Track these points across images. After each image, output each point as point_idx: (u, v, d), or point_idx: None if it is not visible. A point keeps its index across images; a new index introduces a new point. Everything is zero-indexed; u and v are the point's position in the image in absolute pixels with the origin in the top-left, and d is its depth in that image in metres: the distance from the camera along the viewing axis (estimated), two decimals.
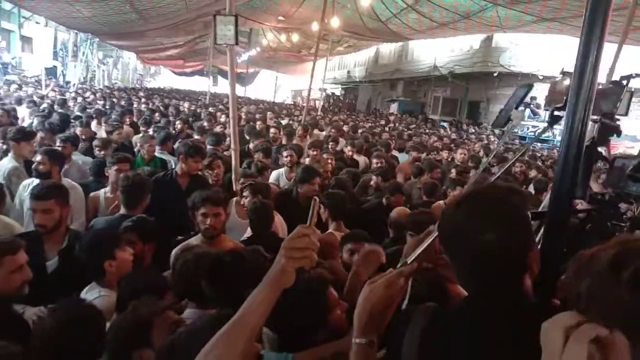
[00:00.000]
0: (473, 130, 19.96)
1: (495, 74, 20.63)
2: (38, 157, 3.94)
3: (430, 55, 24.03)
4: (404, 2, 13.38)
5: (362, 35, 19.24)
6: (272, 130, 8.74)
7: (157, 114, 10.63)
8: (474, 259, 1.10)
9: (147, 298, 1.79)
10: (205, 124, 9.06)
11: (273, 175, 5.53)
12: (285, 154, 5.80)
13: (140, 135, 6.19)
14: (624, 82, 1.52)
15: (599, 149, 1.49)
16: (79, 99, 13.44)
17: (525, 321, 1.03)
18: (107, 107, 11.85)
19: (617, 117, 1.50)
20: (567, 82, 1.58)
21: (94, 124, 8.37)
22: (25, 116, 8.66)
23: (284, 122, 12.26)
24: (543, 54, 17.13)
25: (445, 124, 23.04)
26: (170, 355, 1.43)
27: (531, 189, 6.10)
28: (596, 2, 1.17)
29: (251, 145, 6.99)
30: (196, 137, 7.16)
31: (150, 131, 7.32)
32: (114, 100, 14.22)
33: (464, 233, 1.11)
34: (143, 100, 15.58)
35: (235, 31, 4.48)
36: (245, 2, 14.31)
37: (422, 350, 1.12)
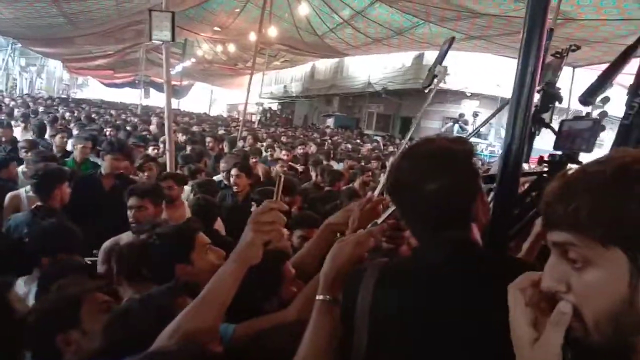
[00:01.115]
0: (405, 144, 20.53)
1: (427, 91, 21.37)
2: None
3: (365, 72, 24.59)
4: (340, 17, 13.67)
5: (299, 50, 19.42)
6: (207, 139, 8.64)
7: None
8: (419, 210, 1.10)
9: (74, 277, 1.64)
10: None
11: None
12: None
13: (75, 135, 5.92)
14: (564, 54, 1.61)
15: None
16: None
17: (474, 269, 1.05)
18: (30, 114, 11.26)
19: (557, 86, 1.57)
20: None
21: (18, 129, 8.01)
22: None
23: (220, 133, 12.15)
24: (471, 71, 17.99)
25: (378, 139, 23.61)
26: (123, 322, 1.33)
27: None
28: (533, 20, 1.24)
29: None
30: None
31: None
32: (39, 108, 13.51)
33: (408, 185, 1.10)
34: (66, 108, 14.90)
35: (172, 28, 4.37)
36: (180, 11, 14.06)
37: (375, 302, 1.10)
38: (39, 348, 1.51)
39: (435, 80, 3.48)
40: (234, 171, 4.43)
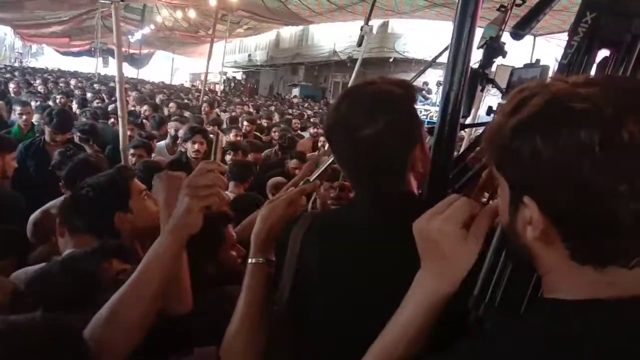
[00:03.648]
0: None
1: (391, 60, 21.38)
2: None
3: (330, 41, 24.34)
4: None
5: (262, 17, 18.94)
6: (171, 104, 8.70)
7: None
8: (354, 155, 1.06)
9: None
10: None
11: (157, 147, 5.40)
12: (170, 125, 5.74)
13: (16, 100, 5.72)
14: (509, 7, 1.59)
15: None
16: None
17: (404, 220, 0.99)
18: None
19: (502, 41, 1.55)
20: None
21: None
22: None
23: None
24: (435, 40, 17.96)
25: None
26: (42, 285, 1.26)
27: None
28: None
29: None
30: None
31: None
32: None
33: (343, 129, 1.05)
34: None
35: None
36: None
37: (302, 252, 1.06)
38: None
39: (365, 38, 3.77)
40: (197, 137, 4.34)
